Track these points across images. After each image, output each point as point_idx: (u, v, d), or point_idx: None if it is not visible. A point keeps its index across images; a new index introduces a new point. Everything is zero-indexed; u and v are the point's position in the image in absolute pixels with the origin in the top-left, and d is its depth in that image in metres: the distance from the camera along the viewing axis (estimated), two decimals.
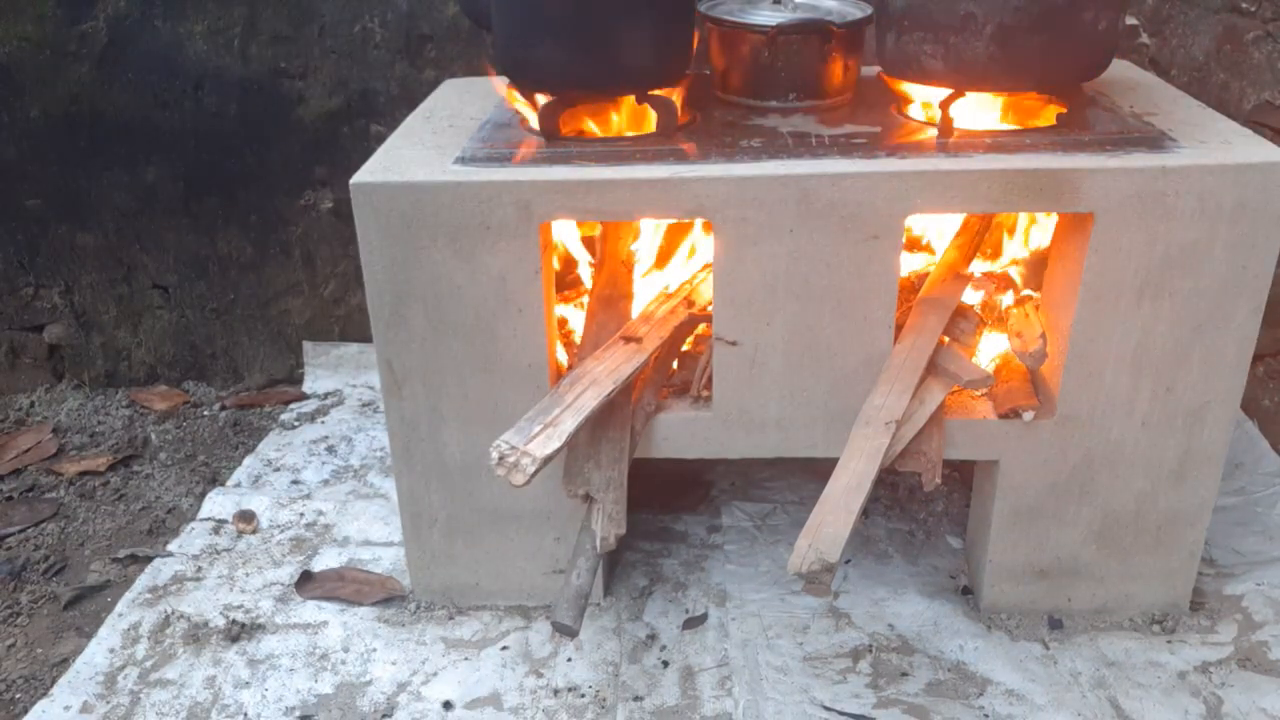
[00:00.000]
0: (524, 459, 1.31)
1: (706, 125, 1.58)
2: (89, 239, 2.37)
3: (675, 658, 1.60)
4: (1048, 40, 1.41)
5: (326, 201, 2.34)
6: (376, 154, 1.50)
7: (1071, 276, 1.45)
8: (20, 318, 2.45)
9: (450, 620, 1.69)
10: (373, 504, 2.00)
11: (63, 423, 2.37)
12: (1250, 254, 1.39)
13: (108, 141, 2.27)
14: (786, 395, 1.52)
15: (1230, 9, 1.94)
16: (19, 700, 1.59)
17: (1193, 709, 1.48)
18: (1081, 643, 1.61)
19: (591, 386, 1.44)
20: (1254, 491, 1.90)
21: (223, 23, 2.18)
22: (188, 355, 2.50)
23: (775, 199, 1.39)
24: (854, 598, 1.71)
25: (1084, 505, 1.58)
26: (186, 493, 2.10)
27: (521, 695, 1.53)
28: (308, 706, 1.53)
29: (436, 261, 1.44)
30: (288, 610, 1.72)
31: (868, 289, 1.44)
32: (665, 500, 1.95)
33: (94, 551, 1.93)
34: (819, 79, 1.62)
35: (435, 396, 1.54)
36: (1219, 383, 1.48)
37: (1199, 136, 1.45)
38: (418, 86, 2.19)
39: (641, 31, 1.48)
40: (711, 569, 1.79)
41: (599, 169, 1.41)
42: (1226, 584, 1.71)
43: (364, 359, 2.47)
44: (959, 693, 1.52)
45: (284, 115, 2.26)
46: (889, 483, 2.00)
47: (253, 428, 2.33)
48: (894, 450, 1.41)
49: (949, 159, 1.40)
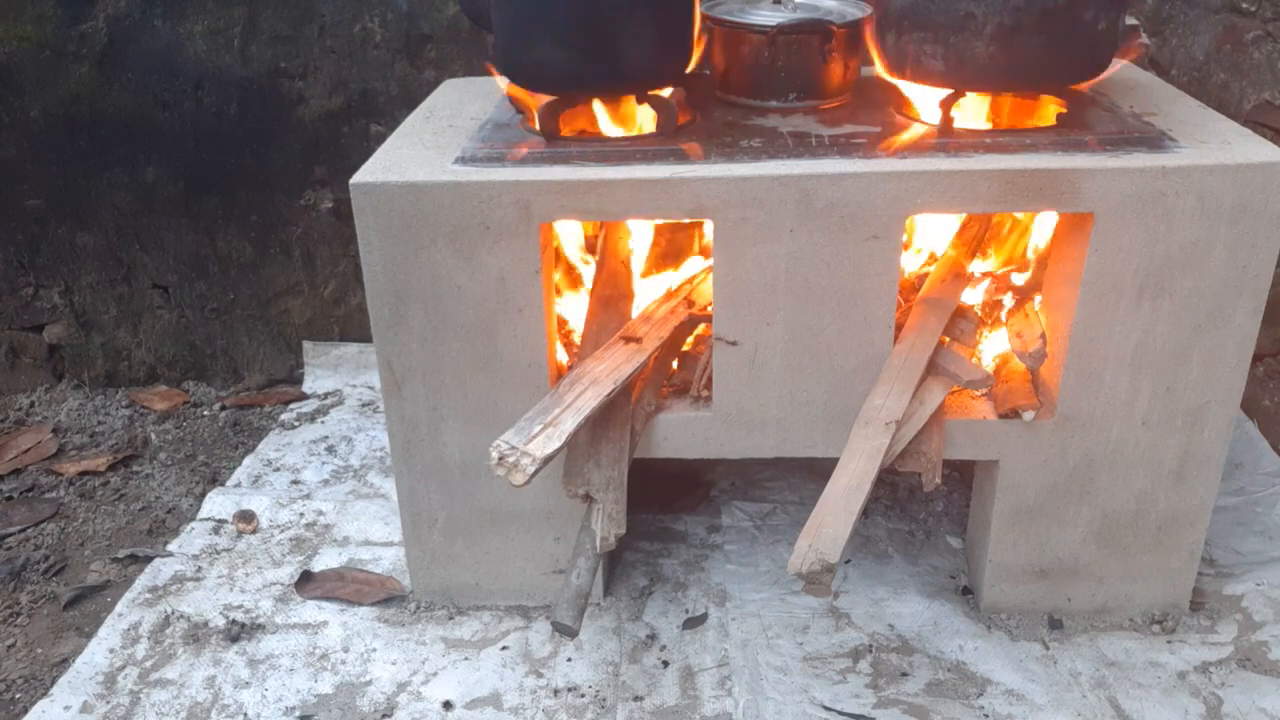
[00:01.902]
0: (524, 459, 1.31)
1: (706, 125, 1.58)
2: (89, 239, 2.37)
3: (675, 658, 1.60)
4: (1048, 40, 1.41)
5: (326, 201, 2.34)
6: (376, 154, 1.50)
7: (1071, 276, 1.45)
8: (20, 318, 2.45)
9: (450, 620, 1.69)
10: (373, 504, 2.00)
11: (63, 423, 2.37)
12: (1250, 254, 1.39)
13: (108, 141, 2.27)
14: (786, 395, 1.52)
15: (1230, 9, 1.94)
16: (19, 700, 1.59)
17: (1193, 709, 1.48)
18: (1081, 643, 1.61)
19: (591, 386, 1.44)
20: (1254, 491, 1.90)
21: (223, 23, 2.18)
22: (188, 355, 2.50)
23: (775, 199, 1.39)
24: (854, 598, 1.71)
25: (1084, 505, 1.58)
26: (186, 493, 2.10)
27: (521, 695, 1.54)
28: (308, 706, 1.53)
29: (436, 261, 1.44)
30: (288, 610, 1.72)
31: (868, 289, 1.44)
32: (665, 500, 1.95)
33: (94, 551, 1.93)
34: (819, 79, 1.62)
35: (435, 396, 1.54)
36: (1219, 383, 1.48)
37: (1199, 136, 1.45)
38: (418, 86, 2.19)
39: (641, 31, 1.48)
40: (711, 569, 1.79)
41: (599, 169, 1.41)
42: (1226, 584, 1.71)
43: (364, 359, 2.47)
44: (959, 693, 1.52)
45: (284, 115, 2.26)
46: (889, 483, 2.00)
47: (253, 428, 2.33)
48: (894, 450, 1.41)
49: (949, 159, 1.40)
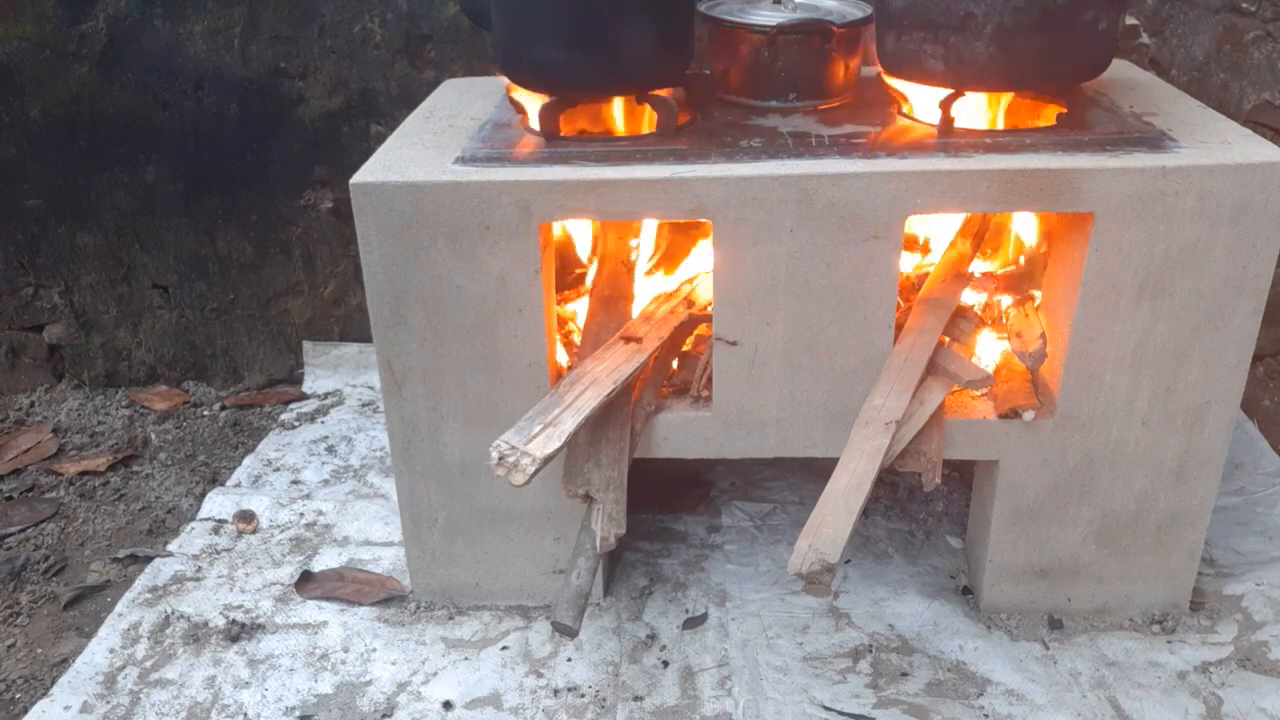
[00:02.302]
0: (524, 459, 1.31)
1: (706, 125, 1.58)
2: (89, 239, 2.37)
3: (675, 658, 1.60)
4: (1048, 40, 1.41)
5: (326, 201, 2.34)
6: (376, 154, 1.50)
7: (1071, 276, 1.45)
8: (20, 318, 2.45)
9: (450, 620, 1.69)
10: (373, 504, 2.00)
11: (63, 423, 2.37)
12: (1250, 254, 1.39)
13: (108, 141, 2.27)
14: (786, 395, 1.52)
15: (1230, 9, 1.94)
16: (19, 700, 1.59)
17: (1193, 709, 1.48)
18: (1081, 643, 1.61)
19: (591, 386, 1.44)
20: (1254, 491, 1.90)
21: (223, 23, 2.18)
22: (188, 355, 2.50)
23: (775, 199, 1.39)
24: (854, 598, 1.71)
25: (1084, 505, 1.58)
26: (186, 493, 2.10)
27: (521, 695, 1.53)
28: (308, 706, 1.53)
29: (436, 261, 1.44)
30: (288, 610, 1.72)
31: (868, 289, 1.44)
32: (665, 500, 1.95)
33: (94, 551, 1.93)
34: (819, 79, 1.62)
35: (435, 396, 1.54)
36: (1219, 383, 1.48)
37: (1199, 136, 1.45)
38: (418, 86, 2.19)
39: (641, 31, 1.48)
40: (711, 569, 1.79)
41: (599, 169, 1.41)
42: (1226, 584, 1.71)
43: (364, 359, 2.47)
44: (959, 693, 1.52)
45: (284, 115, 2.26)
46: (889, 483, 2.00)
47: (253, 428, 2.33)
48: (894, 450, 1.41)
49: (949, 159, 1.40)
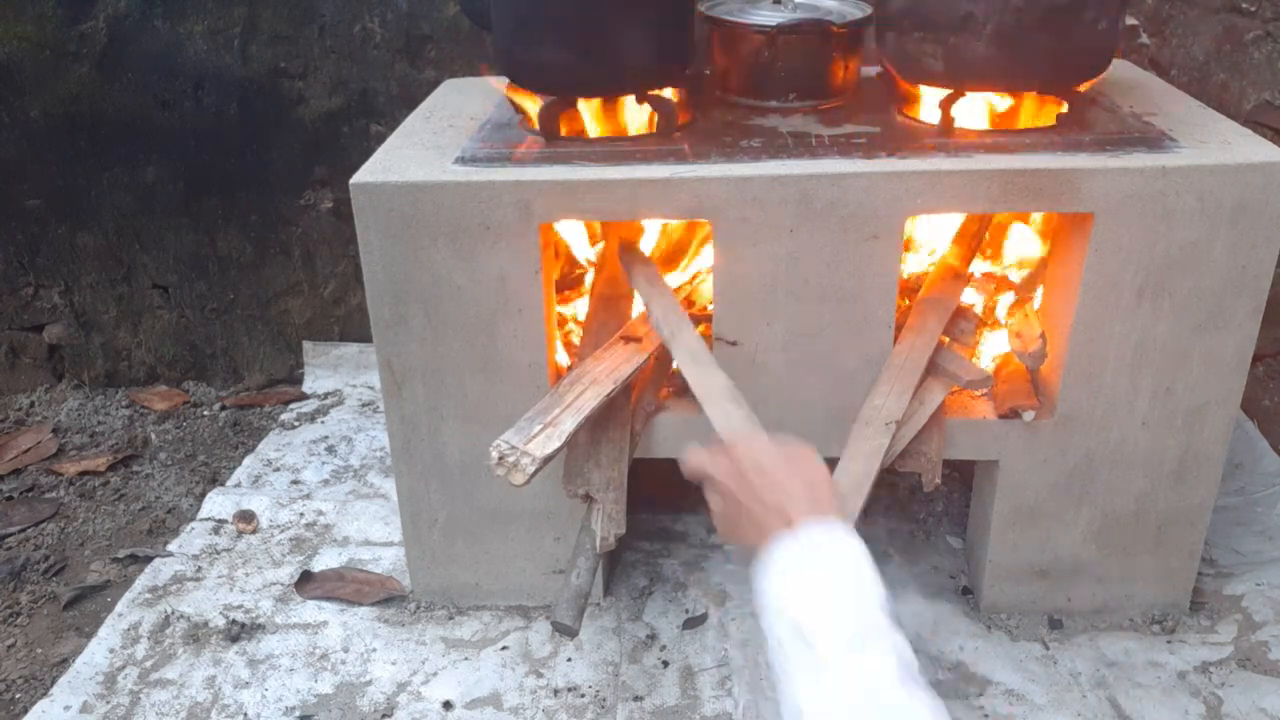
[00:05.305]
0: (524, 459, 1.31)
1: (706, 125, 1.58)
2: (89, 239, 2.37)
3: (675, 658, 1.60)
4: (1048, 40, 1.41)
5: (326, 201, 2.34)
6: (376, 154, 1.50)
7: (1071, 276, 1.45)
8: (20, 318, 2.45)
9: (450, 620, 1.69)
10: (373, 504, 1.99)
11: (63, 423, 2.36)
12: (1250, 254, 1.39)
13: (108, 141, 2.27)
14: (786, 395, 1.52)
15: (1230, 9, 1.94)
16: (19, 700, 1.59)
17: (1193, 709, 1.48)
18: (1081, 643, 1.61)
19: (591, 386, 1.44)
20: (1254, 491, 1.90)
21: (223, 23, 2.18)
22: (188, 355, 2.50)
23: (775, 199, 1.39)
24: None
25: (1084, 505, 1.58)
26: (186, 493, 2.10)
27: (521, 695, 1.53)
28: (308, 706, 1.53)
29: (436, 261, 1.44)
30: (288, 610, 1.72)
31: (868, 289, 1.44)
32: (665, 500, 1.95)
33: (94, 551, 1.93)
34: (819, 79, 1.62)
35: (435, 396, 1.54)
36: (1219, 383, 1.48)
37: (1199, 136, 1.45)
38: (418, 86, 2.19)
39: (641, 31, 1.48)
40: (711, 569, 1.79)
41: (599, 169, 1.41)
42: (1226, 584, 1.71)
43: (364, 359, 2.47)
44: (959, 693, 1.52)
45: (284, 115, 2.26)
46: (889, 483, 1.99)
47: (253, 428, 2.33)
48: (894, 450, 1.41)
49: (949, 159, 1.40)
